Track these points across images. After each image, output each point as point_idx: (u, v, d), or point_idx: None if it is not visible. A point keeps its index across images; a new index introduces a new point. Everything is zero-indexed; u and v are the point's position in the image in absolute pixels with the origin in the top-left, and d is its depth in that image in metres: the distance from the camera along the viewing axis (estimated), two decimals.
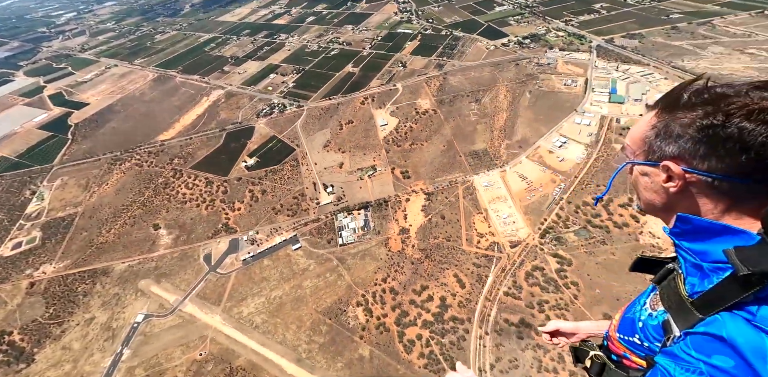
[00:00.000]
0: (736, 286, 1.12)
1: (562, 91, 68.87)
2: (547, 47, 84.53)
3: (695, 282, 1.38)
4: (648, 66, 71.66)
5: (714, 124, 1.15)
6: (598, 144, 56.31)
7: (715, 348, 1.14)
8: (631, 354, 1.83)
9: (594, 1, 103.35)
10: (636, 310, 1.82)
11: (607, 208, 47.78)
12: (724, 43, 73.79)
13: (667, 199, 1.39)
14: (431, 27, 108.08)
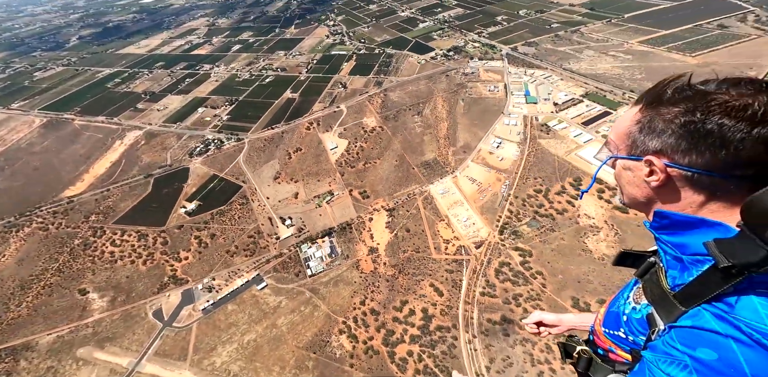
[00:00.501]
0: (716, 278, 1.20)
1: (488, 97, 76.75)
2: (469, 57, 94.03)
3: (676, 274, 1.48)
4: (546, 69, 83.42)
5: (695, 120, 1.23)
6: (526, 141, 63.64)
7: (698, 341, 1.21)
8: (617, 348, 1.92)
9: (496, 13, 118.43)
10: (620, 304, 1.92)
11: (547, 197, 53.95)
12: (593, 47, 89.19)
13: (649, 193, 1.48)
14: (364, 47, 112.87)
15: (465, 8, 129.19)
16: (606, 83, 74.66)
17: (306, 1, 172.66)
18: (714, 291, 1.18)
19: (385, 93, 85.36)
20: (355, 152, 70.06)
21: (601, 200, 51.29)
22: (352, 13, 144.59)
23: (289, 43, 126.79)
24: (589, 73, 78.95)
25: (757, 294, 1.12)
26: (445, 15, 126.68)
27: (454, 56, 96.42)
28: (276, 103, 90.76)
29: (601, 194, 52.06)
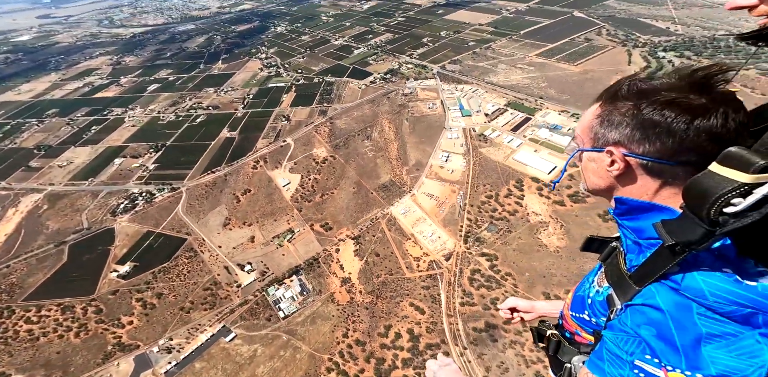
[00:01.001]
0: (664, 257, 1.33)
1: (429, 114, 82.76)
2: (405, 78, 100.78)
3: (633, 257, 1.65)
4: (473, 84, 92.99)
5: (644, 112, 1.41)
6: (470, 152, 69.69)
7: (647, 317, 1.35)
8: (582, 331, 2.08)
9: (421, 36, 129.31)
10: (585, 288, 2.11)
11: (498, 201, 59.28)
12: (504, 62, 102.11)
13: (610, 182, 1.64)
14: (302, 77, 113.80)
15: (393, 33, 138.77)
16: (521, 92, 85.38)
17: (232, 35, 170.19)
18: (662, 269, 1.33)
19: (331, 121, 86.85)
20: (310, 185, 69.69)
21: (542, 197, 57.86)
22: (284, 45, 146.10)
23: (218, 79, 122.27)
24: (506, 85, 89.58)
25: (700, 270, 1.27)
26: (377, 40, 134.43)
27: (391, 78, 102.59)
28: (213, 144, 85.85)
29: (540, 192, 58.70)
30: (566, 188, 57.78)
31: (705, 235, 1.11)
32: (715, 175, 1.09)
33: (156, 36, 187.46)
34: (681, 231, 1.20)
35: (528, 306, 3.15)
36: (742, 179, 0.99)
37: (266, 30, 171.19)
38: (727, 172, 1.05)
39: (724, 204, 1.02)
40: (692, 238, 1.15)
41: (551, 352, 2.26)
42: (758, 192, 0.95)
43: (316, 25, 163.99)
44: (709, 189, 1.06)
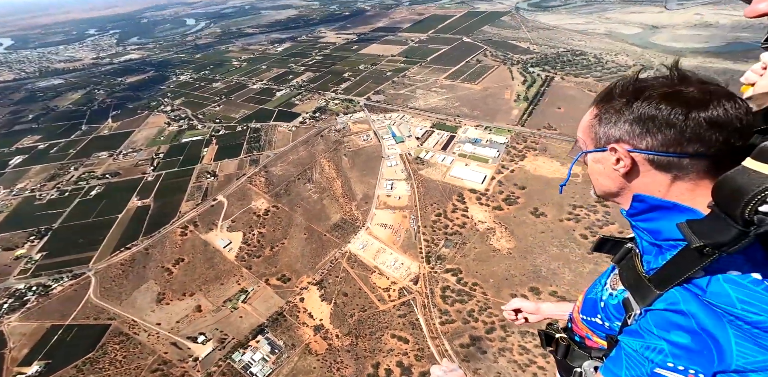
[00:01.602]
0: (688, 260, 1.28)
1: (365, 146, 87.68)
2: (335, 114, 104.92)
3: (651, 259, 1.61)
4: (398, 111, 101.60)
5: (640, 106, 1.43)
6: (411, 176, 75.20)
7: (673, 324, 1.30)
8: (593, 335, 2.07)
9: (342, 72, 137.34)
10: (597, 291, 2.07)
11: (447, 217, 64.37)
12: (420, 87, 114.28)
13: (619, 182, 1.61)
14: (222, 127, 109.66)
15: (314, 72, 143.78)
16: (441, 113, 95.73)
17: (120, 88, 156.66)
18: (686, 272, 1.29)
19: (265, 170, 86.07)
20: (256, 240, 67.56)
21: (483, 205, 64.48)
22: (193, 94, 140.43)
23: (111, 141, 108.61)
24: (427, 108, 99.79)
25: (726, 274, 1.24)
26: (298, 80, 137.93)
27: (321, 116, 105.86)
28: (120, 217, 77.11)
29: (480, 201, 65.40)
30: (498, 193, 65.35)
31: (738, 236, 1.06)
32: (751, 170, 1.04)
33: (6, 95, 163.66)
34: (710, 231, 1.16)
35: (533, 307, 3.16)
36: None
37: (166, 80, 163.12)
38: (765, 167, 1.01)
39: (761, 202, 0.98)
40: (723, 240, 1.10)
41: (560, 356, 2.26)
42: None
43: (228, 71, 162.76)
44: (745, 186, 1.01)
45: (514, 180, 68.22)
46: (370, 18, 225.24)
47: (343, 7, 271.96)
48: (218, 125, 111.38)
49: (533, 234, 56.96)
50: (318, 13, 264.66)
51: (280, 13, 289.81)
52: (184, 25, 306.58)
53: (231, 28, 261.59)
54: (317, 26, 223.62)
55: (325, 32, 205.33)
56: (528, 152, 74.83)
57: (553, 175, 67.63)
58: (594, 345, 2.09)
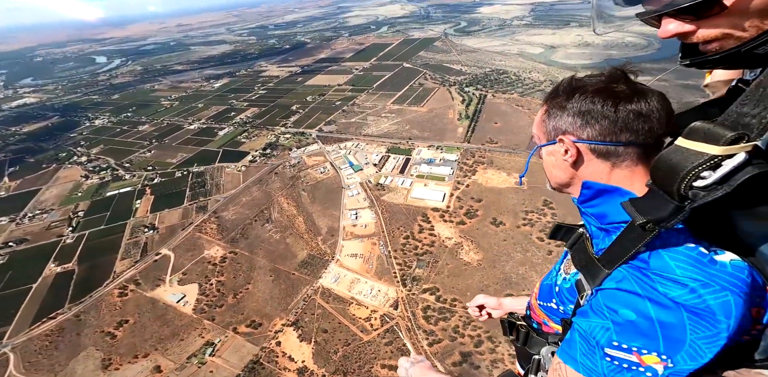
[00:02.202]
0: (632, 237, 1.38)
1: (323, 179, 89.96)
2: (288, 149, 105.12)
3: (599, 241, 1.78)
4: (353, 139, 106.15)
5: (579, 101, 1.61)
6: (374, 203, 78.47)
7: (620, 301, 1.39)
8: (549, 321, 2.20)
9: (289, 105, 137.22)
10: (552, 276, 2.22)
11: (415, 238, 67.80)
12: (371, 114, 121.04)
13: (569, 172, 1.76)
14: (157, 174, 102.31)
15: (259, 107, 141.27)
16: (393, 138, 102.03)
17: (15, 140, 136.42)
18: (631, 249, 1.38)
19: (216, 216, 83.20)
20: (215, 290, 64.96)
21: (447, 222, 69.15)
22: (115, 141, 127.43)
23: (10, 204, 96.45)
24: (380, 134, 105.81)
25: (666, 249, 1.35)
26: (243, 117, 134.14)
27: (272, 153, 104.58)
28: (36, 286, 69.92)
29: (443, 218, 70.06)
30: (459, 209, 70.62)
31: (675, 211, 1.16)
32: (684, 149, 1.12)
33: None
34: (650, 208, 1.25)
35: (495, 303, 3.31)
36: (712, 151, 1.00)
37: (76, 126, 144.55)
38: (696, 145, 1.08)
39: (695, 177, 1.06)
40: (662, 215, 1.19)
41: (520, 343, 2.38)
42: (728, 164, 0.97)
43: (157, 112, 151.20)
44: (679, 164, 1.09)
45: (471, 194, 74.23)
46: (311, 50, 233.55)
47: (282, 40, 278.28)
48: (151, 173, 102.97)
49: (497, 243, 61.99)
50: (256, 48, 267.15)
51: (213, 49, 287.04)
52: (93, 63, 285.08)
53: (155, 65, 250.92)
54: (257, 60, 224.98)
55: (266, 66, 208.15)
56: (477, 166, 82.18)
57: (503, 185, 74.89)
58: (550, 330, 2.22)
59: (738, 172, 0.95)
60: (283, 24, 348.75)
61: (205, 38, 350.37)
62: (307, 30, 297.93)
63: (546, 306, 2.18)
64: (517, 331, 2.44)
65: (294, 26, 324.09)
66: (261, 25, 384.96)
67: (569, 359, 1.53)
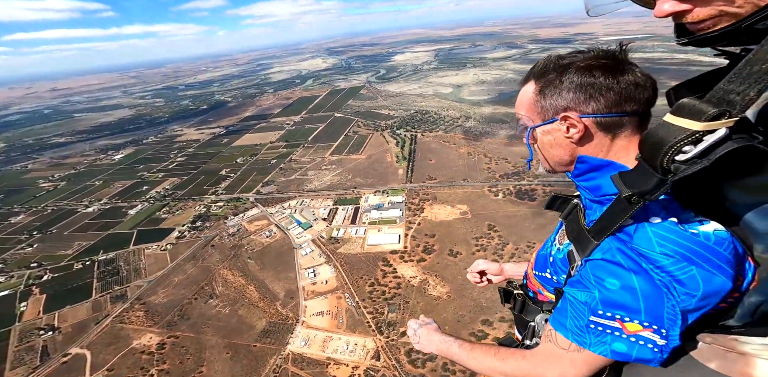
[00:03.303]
0: (619, 209, 1.50)
1: (271, 243, 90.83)
2: (224, 218, 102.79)
3: (591, 213, 1.90)
4: (296, 197, 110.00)
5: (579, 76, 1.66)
6: (331, 257, 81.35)
7: (606, 271, 1.55)
8: (544, 290, 2.37)
9: (217, 170, 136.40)
10: (548, 247, 2.39)
11: (380, 284, 71.25)
12: (310, 168, 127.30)
13: (569, 149, 1.82)
14: (47, 270, 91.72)
15: (179, 176, 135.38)
16: (338, 189, 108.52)
17: None
18: (618, 221, 1.51)
19: (141, 302, 77.53)
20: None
21: (408, 262, 74.40)
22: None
23: None
24: (324, 187, 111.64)
25: (650, 221, 1.48)
26: (159, 190, 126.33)
27: (204, 225, 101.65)
28: None
29: (403, 259, 75.30)
30: (416, 247, 76.86)
31: (658, 184, 1.26)
32: (670, 125, 1.21)
33: None
34: (636, 181, 1.36)
35: (497, 269, 3.44)
36: (694, 127, 1.10)
37: None
38: (681, 121, 1.17)
39: (677, 152, 1.15)
40: (646, 188, 1.30)
41: (517, 311, 2.56)
42: (708, 139, 1.07)
43: (35, 197, 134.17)
44: (664, 138, 1.20)
45: (424, 231, 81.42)
46: (234, 109, 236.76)
47: (198, 100, 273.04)
48: (38, 270, 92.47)
49: (459, 273, 68.05)
50: (165, 111, 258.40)
51: (107, 115, 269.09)
52: None
53: (24, 139, 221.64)
54: (168, 124, 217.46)
55: (181, 130, 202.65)
56: (424, 204, 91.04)
57: (450, 218, 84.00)
58: (545, 299, 2.39)
59: (718, 146, 1.06)
60: (196, 84, 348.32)
61: (94, 103, 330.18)
62: (227, 88, 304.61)
63: (541, 276, 2.38)
64: (515, 300, 2.63)
65: (210, 85, 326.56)
66: (168, 86, 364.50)
67: (559, 326, 1.73)
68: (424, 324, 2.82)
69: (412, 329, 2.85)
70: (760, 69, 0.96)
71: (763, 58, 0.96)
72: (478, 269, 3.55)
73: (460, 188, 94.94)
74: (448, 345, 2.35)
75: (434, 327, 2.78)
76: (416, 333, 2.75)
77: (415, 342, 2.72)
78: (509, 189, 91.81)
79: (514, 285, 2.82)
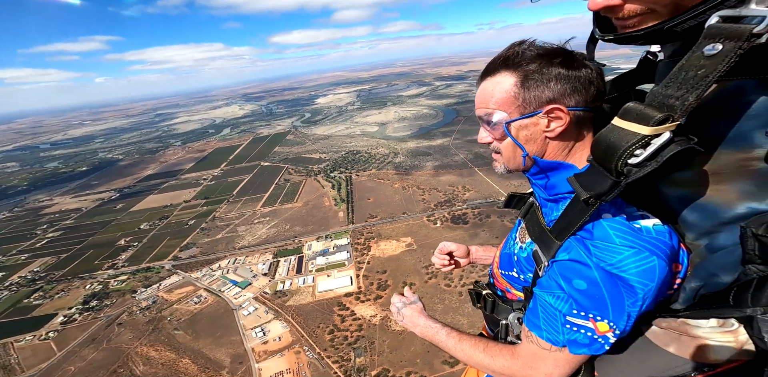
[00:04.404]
0: (577, 210, 1.60)
1: (202, 309, 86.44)
2: (131, 292, 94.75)
3: (548, 212, 1.97)
4: (227, 256, 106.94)
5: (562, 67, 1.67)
6: (280, 312, 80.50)
7: (572, 272, 1.62)
8: (512, 288, 2.40)
9: (111, 241, 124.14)
10: (510, 245, 2.42)
11: (340, 330, 72.49)
12: (241, 224, 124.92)
13: (543, 146, 1.81)
14: None
15: (54, 255, 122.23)
16: (277, 241, 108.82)
17: None
18: (578, 222, 1.60)
19: None
20: None
21: (364, 302, 77.34)
22: None
23: None
24: (260, 241, 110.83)
25: (606, 219, 1.60)
26: (24, 274, 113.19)
27: (103, 303, 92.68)
28: None
29: (360, 300, 78.16)
30: (370, 285, 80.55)
31: (612, 186, 1.35)
32: (620, 129, 1.29)
33: None
34: (592, 183, 1.44)
35: (464, 251, 3.32)
36: (643, 131, 1.19)
37: None
38: (630, 125, 1.25)
39: (630, 155, 1.24)
40: (602, 190, 1.39)
41: (488, 311, 2.57)
42: (656, 143, 1.17)
43: None
44: (616, 143, 1.28)
45: (375, 268, 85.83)
46: (128, 168, 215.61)
47: (73, 161, 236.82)
48: None
49: None
50: (23, 177, 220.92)
51: None
52: None
53: None
54: (28, 194, 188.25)
55: (49, 199, 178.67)
56: (370, 242, 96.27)
57: (397, 251, 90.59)
58: (513, 297, 2.43)
59: (664, 149, 1.18)
60: (67, 141, 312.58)
61: None
62: (115, 144, 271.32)
63: (508, 275, 2.41)
64: (484, 300, 2.63)
65: (89, 142, 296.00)
66: (24, 145, 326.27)
67: (534, 327, 1.82)
68: (408, 303, 2.74)
69: (396, 307, 2.77)
70: (695, 75, 1.06)
71: (696, 64, 1.06)
72: (447, 250, 3.27)
73: (401, 222, 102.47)
74: (435, 330, 2.30)
75: (419, 307, 2.72)
76: (400, 312, 2.70)
77: (398, 319, 2.69)
78: (445, 216, 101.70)
79: (481, 285, 2.79)
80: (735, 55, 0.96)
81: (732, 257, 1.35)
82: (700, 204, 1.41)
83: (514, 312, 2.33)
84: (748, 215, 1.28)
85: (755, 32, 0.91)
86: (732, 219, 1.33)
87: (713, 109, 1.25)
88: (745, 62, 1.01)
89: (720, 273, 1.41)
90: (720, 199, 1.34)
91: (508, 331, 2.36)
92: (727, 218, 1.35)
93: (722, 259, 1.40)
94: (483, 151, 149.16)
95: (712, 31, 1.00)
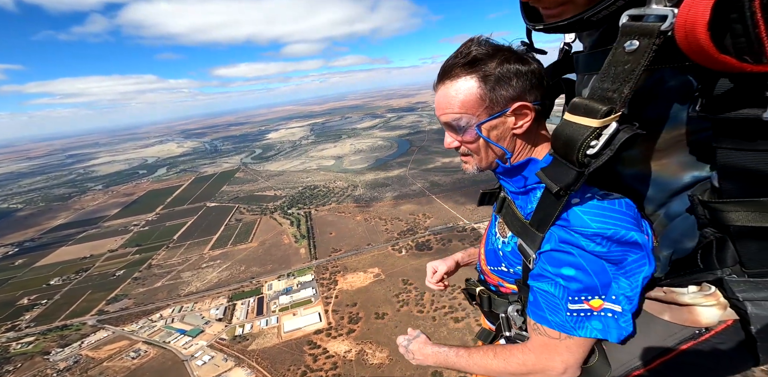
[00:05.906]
0: (550, 202, 1.74)
1: (144, 363, 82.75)
2: (42, 355, 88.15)
3: (522, 204, 2.09)
4: (170, 305, 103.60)
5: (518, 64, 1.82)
6: (242, 357, 79.76)
7: (559, 260, 1.77)
8: (504, 282, 2.52)
9: (14, 300, 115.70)
10: (493, 241, 2.51)
11: (313, 369, 73.36)
12: (184, 269, 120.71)
13: (512, 142, 1.99)
14: None
15: None
16: (231, 284, 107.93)
17: None
18: (554, 213, 1.75)
19: None
20: None
21: (336, 338, 79.12)
22: None
23: None
24: (211, 286, 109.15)
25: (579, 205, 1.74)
26: None
27: (4, 369, 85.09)
28: None
29: (331, 336, 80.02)
30: (341, 319, 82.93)
31: (577, 176, 1.52)
32: (573, 123, 1.47)
33: None
34: (559, 176, 1.60)
35: (452, 265, 3.39)
36: (594, 124, 1.37)
37: None
38: (581, 119, 1.42)
39: (587, 147, 1.41)
40: (569, 181, 1.55)
41: (485, 308, 2.70)
42: (606, 133, 1.36)
43: None
44: (573, 136, 1.45)
45: (344, 302, 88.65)
46: (29, 218, 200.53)
47: None
48: None
49: (392, 333, 76.14)
50: None
51: None
52: None
53: None
54: None
55: None
56: (336, 276, 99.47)
57: (366, 283, 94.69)
58: (507, 290, 2.54)
59: (614, 138, 1.37)
60: None
61: None
62: (11, 191, 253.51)
63: (497, 270, 2.51)
64: (480, 297, 2.76)
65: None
66: None
67: (541, 318, 1.93)
68: (412, 338, 2.80)
69: (403, 346, 2.82)
70: (623, 69, 1.26)
71: (621, 60, 1.26)
72: (441, 274, 3.29)
73: (366, 253, 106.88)
74: (444, 355, 2.36)
75: (423, 339, 2.78)
76: (408, 349, 2.74)
77: (409, 358, 2.73)
78: (409, 244, 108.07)
79: (473, 283, 2.92)
80: (651, 50, 1.16)
81: (688, 222, 1.58)
82: (651, 178, 1.65)
83: (512, 305, 2.51)
84: (693, 183, 1.52)
85: (662, 30, 1.09)
86: (681, 188, 1.58)
87: (645, 96, 1.47)
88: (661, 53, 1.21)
89: (683, 239, 1.62)
90: (667, 172, 1.59)
91: (510, 324, 2.51)
92: (676, 188, 1.60)
93: (681, 225, 1.63)
94: (438, 179, 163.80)
95: (627, 29, 1.20)
